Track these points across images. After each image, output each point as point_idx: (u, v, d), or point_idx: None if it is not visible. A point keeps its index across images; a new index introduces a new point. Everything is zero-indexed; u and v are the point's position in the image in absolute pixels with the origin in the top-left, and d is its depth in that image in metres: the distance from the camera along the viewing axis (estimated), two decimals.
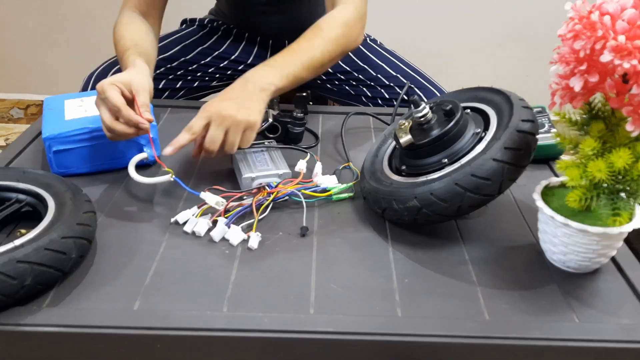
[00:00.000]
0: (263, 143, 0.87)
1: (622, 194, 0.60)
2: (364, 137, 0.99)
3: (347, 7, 0.98)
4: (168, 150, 0.77)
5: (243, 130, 0.79)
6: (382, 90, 1.22)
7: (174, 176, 0.76)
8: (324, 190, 0.79)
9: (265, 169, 0.80)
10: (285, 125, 0.92)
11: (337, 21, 0.96)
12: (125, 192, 0.80)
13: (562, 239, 0.63)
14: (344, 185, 0.80)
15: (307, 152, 0.90)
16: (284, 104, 1.01)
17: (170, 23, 1.22)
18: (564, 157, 0.83)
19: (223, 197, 0.75)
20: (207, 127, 0.78)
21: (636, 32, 0.53)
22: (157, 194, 0.80)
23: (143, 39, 0.96)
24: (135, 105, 0.77)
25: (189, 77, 1.25)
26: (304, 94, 0.95)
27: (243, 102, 0.80)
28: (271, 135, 0.91)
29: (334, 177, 0.82)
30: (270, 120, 0.90)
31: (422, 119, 0.73)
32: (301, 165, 0.85)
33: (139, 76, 0.81)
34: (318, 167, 0.84)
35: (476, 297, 0.62)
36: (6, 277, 0.55)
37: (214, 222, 0.72)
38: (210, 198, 0.73)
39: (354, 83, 1.24)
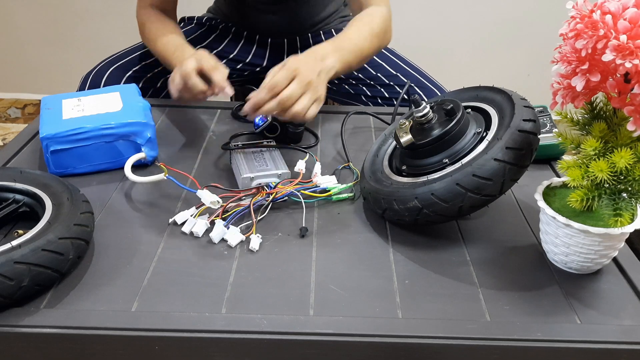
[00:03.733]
0: (262, 143, 0.87)
1: (624, 194, 0.59)
2: (364, 137, 0.98)
3: (380, 6, 1.02)
4: (247, 109, 0.80)
5: (313, 101, 0.82)
6: (382, 90, 1.22)
7: (167, 175, 0.75)
8: (324, 191, 0.78)
9: (264, 169, 0.79)
10: (285, 124, 0.91)
11: (379, 18, 1.00)
12: (123, 192, 0.80)
13: (563, 240, 0.63)
14: (344, 186, 0.79)
15: (306, 152, 0.90)
16: None
17: None
18: (566, 157, 0.83)
19: (221, 197, 0.74)
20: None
21: (638, 32, 0.52)
22: (156, 194, 0.79)
23: (179, 32, 1.06)
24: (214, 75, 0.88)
25: None
26: None
27: (321, 75, 0.83)
28: (270, 135, 0.91)
29: (333, 177, 0.81)
30: (269, 119, 0.90)
31: (422, 119, 0.73)
32: (300, 166, 0.84)
33: (207, 54, 0.91)
34: (317, 167, 0.84)
35: (477, 298, 0.62)
36: (3, 278, 0.55)
37: (212, 223, 0.71)
38: (206, 197, 0.72)
39: (353, 82, 1.24)
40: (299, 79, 0.79)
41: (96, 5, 2.08)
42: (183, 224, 0.72)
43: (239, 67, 1.27)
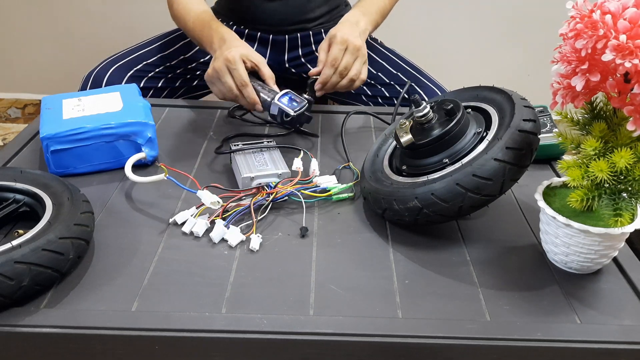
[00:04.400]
0: (262, 142, 0.87)
1: (624, 194, 0.59)
2: (364, 137, 0.98)
3: None
4: (318, 87, 0.96)
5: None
6: (383, 89, 1.22)
7: (167, 175, 0.75)
8: (324, 191, 0.78)
9: (264, 169, 0.79)
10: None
11: None
12: (123, 192, 0.80)
13: (563, 240, 0.63)
14: (344, 186, 0.79)
15: (300, 150, 0.89)
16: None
17: (170, 22, 1.22)
18: (566, 157, 0.83)
19: (222, 197, 0.74)
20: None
21: (637, 31, 0.52)
22: (156, 194, 0.79)
23: (209, 11, 1.08)
24: (262, 76, 0.93)
25: (188, 76, 1.24)
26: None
27: (361, 37, 0.98)
28: (286, 119, 0.89)
29: (333, 177, 0.81)
30: (306, 103, 0.89)
31: (423, 119, 0.73)
32: (297, 164, 0.84)
33: (252, 50, 0.95)
34: (314, 164, 0.84)
35: (477, 298, 0.62)
36: (4, 277, 0.55)
37: (213, 223, 0.71)
38: (207, 197, 0.72)
39: None
40: (350, 49, 0.94)
41: (97, 5, 2.08)
42: (183, 223, 0.72)
43: None
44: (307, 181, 0.81)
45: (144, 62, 1.18)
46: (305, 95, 0.90)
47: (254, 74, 0.96)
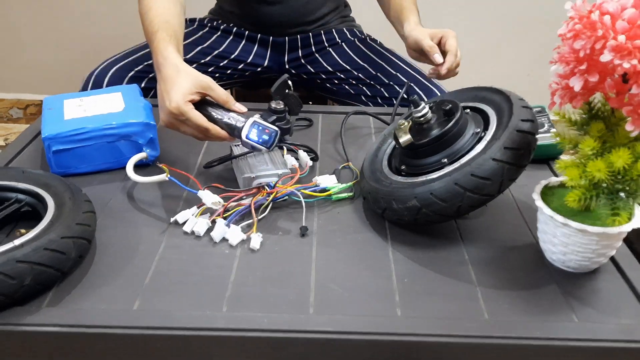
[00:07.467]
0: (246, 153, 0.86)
1: (622, 194, 0.60)
2: (363, 137, 0.99)
3: None
4: (444, 73, 1.05)
5: None
6: (382, 89, 1.22)
7: (169, 175, 0.75)
8: (324, 190, 0.79)
9: (264, 169, 0.79)
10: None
11: None
12: (124, 192, 0.80)
13: (561, 239, 0.63)
14: (344, 185, 0.80)
15: (283, 147, 0.87)
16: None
17: None
18: (564, 157, 0.83)
19: (222, 197, 0.75)
20: None
21: (636, 32, 0.53)
22: (157, 193, 0.80)
23: (171, 13, 0.93)
24: (216, 101, 0.80)
25: None
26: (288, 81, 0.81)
27: None
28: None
29: (333, 176, 0.82)
30: (275, 131, 0.77)
31: (421, 119, 0.73)
32: (291, 161, 0.85)
33: (193, 78, 0.79)
34: (303, 155, 0.85)
35: (476, 297, 0.62)
36: (5, 277, 0.55)
37: (214, 222, 0.72)
38: (207, 197, 0.72)
39: (353, 82, 1.24)
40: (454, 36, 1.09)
41: (98, 5, 2.08)
42: (184, 223, 0.72)
43: (240, 67, 1.27)
44: (305, 173, 0.82)
45: (145, 63, 1.18)
46: (282, 121, 0.78)
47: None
